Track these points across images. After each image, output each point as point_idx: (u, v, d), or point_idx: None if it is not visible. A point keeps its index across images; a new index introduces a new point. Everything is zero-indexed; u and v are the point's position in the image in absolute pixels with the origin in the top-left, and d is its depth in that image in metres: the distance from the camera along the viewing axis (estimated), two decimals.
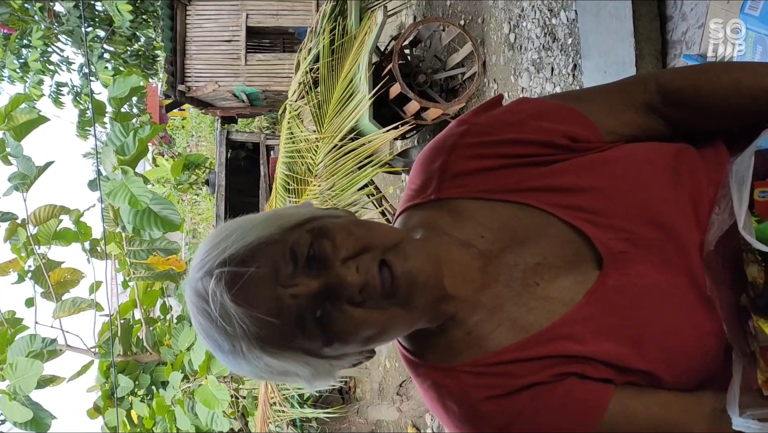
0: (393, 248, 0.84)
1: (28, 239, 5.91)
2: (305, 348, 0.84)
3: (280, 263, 0.81)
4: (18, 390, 5.38)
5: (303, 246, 0.82)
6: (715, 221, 0.87)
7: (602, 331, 0.86)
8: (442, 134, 0.99)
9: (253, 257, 0.80)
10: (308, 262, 0.82)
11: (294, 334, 0.82)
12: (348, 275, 0.80)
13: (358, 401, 7.66)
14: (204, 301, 0.80)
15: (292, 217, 0.87)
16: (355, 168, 4.17)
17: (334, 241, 0.83)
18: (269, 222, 0.84)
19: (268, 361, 0.83)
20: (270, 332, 0.80)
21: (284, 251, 0.81)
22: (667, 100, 0.95)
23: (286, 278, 0.80)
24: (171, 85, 8.24)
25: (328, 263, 0.81)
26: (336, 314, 0.81)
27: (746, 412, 0.77)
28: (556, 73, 3.96)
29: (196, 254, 0.87)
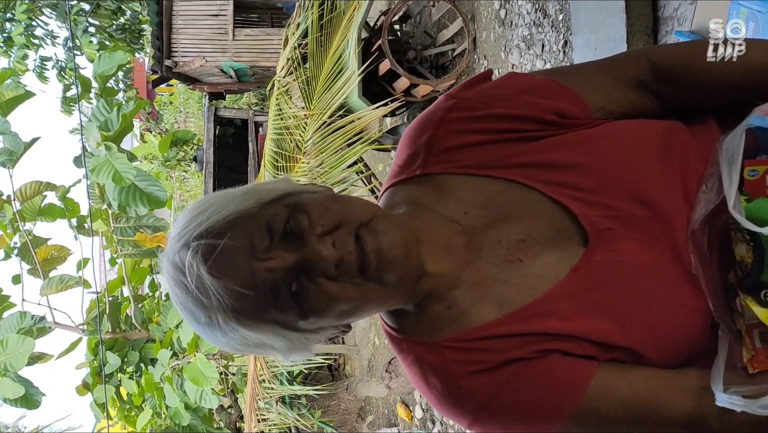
0: (366, 224, 0.84)
1: (14, 216, 5.86)
2: (280, 321, 0.84)
3: (256, 236, 0.81)
4: (8, 367, 5.37)
5: (279, 221, 0.82)
6: (701, 199, 0.86)
7: (586, 307, 0.86)
8: (430, 109, 0.98)
9: (229, 230, 0.80)
10: (284, 236, 0.82)
11: (269, 306, 0.82)
12: (324, 249, 0.80)
13: (348, 378, 7.71)
14: (180, 273, 0.81)
15: (270, 191, 0.86)
16: (344, 145, 4.14)
17: (310, 216, 0.83)
18: (247, 196, 0.84)
19: (243, 333, 0.83)
20: (245, 304, 0.80)
21: (260, 225, 0.81)
22: (658, 76, 0.94)
23: (261, 252, 0.80)
24: (157, 60, 8.14)
25: (304, 238, 0.82)
26: (311, 287, 0.81)
27: (730, 389, 0.77)
28: (547, 50, 3.94)
29: (174, 226, 0.87)
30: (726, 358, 0.82)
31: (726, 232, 0.85)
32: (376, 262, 0.82)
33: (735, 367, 0.83)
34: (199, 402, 5.51)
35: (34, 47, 10.27)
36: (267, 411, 5.12)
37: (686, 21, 1.78)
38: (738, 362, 0.83)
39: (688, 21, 1.73)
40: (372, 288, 0.84)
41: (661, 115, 0.97)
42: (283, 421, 5.29)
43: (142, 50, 11.32)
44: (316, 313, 0.83)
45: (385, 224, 0.85)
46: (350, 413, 7.21)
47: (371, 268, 0.82)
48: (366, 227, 0.83)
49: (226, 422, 7.18)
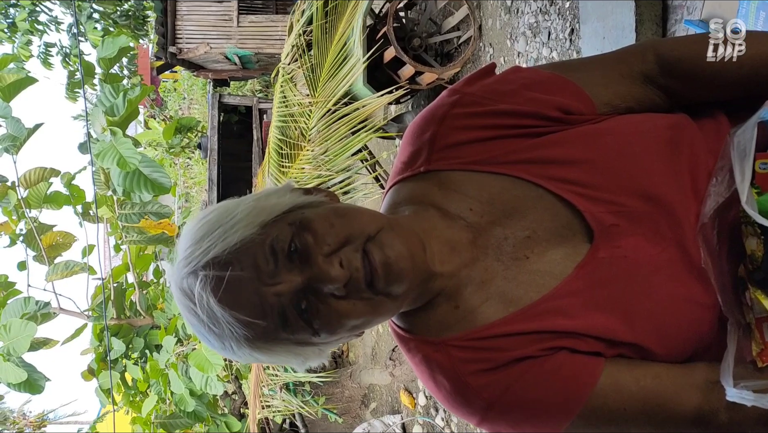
0: (373, 237, 0.83)
1: (18, 202, 5.86)
2: (293, 340, 0.84)
3: (261, 262, 0.80)
4: (12, 351, 5.39)
5: (283, 241, 0.81)
6: (711, 193, 0.86)
7: (592, 304, 0.86)
8: (433, 104, 0.98)
9: (235, 260, 0.80)
10: (289, 257, 0.81)
11: (279, 330, 0.82)
12: (332, 270, 0.80)
13: (351, 366, 7.74)
14: (191, 301, 0.81)
15: (273, 209, 0.85)
16: (349, 133, 4.13)
17: (315, 234, 0.82)
18: (250, 218, 0.83)
19: (258, 355, 0.84)
20: (257, 332, 0.81)
21: (264, 249, 0.81)
22: (665, 70, 0.93)
23: (268, 277, 0.80)
24: (162, 46, 8.12)
25: (310, 258, 0.81)
26: (321, 307, 0.81)
27: (740, 383, 0.77)
28: (553, 38, 3.91)
29: (180, 241, 0.86)
30: (735, 352, 0.82)
31: (736, 225, 0.85)
32: (384, 276, 0.81)
33: (744, 361, 0.82)
34: (204, 388, 5.53)
35: (38, 33, 10.24)
36: (271, 398, 5.15)
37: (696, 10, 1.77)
38: (747, 356, 0.82)
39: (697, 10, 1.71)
40: (381, 301, 0.83)
41: (668, 109, 0.96)
42: (287, 407, 5.32)
43: (146, 36, 11.27)
44: (328, 330, 0.83)
45: (391, 236, 0.84)
46: (354, 400, 7.25)
47: (380, 283, 0.81)
48: (372, 241, 0.82)
49: (230, 408, 7.22)
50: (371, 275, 0.81)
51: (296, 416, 7.09)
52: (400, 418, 6.34)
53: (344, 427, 7.10)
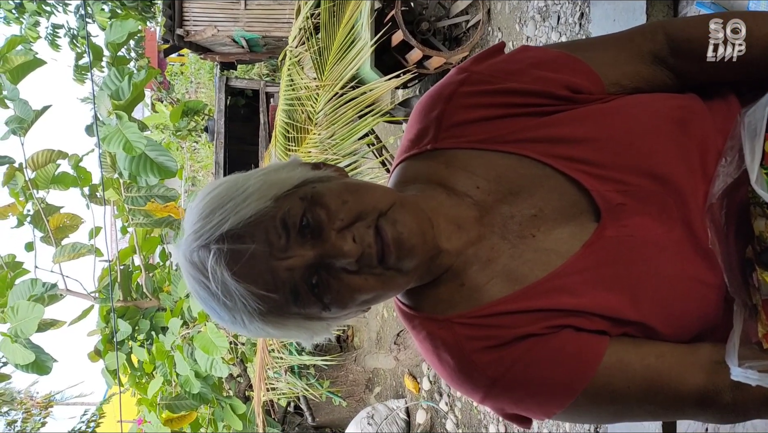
0: (385, 213, 0.83)
1: (26, 183, 5.87)
2: (303, 314, 0.84)
3: (272, 236, 0.80)
4: (19, 333, 5.42)
5: (295, 216, 0.81)
6: (720, 173, 0.85)
7: (598, 282, 0.86)
8: (441, 82, 0.97)
9: (248, 233, 0.79)
10: (301, 231, 0.81)
11: (291, 304, 0.82)
12: (345, 245, 0.80)
13: (356, 350, 7.77)
14: (202, 275, 0.81)
15: (284, 183, 0.84)
16: (356, 117, 4.12)
17: (327, 209, 0.82)
18: (261, 192, 0.82)
19: (269, 329, 0.84)
20: (270, 306, 0.81)
21: (276, 223, 0.80)
22: (675, 50, 0.92)
23: (279, 251, 0.80)
24: (169, 28, 8.09)
25: (323, 233, 0.81)
26: (332, 282, 0.82)
27: (745, 363, 0.77)
28: (563, 22, 3.87)
29: (187, 217, 0.85)
30: (740, 333, 0.81)
31: (744, 206, 0.84)
32: (396, 252, 0.81)
33: (749, 342, 0.82)
34: (209, 371, 5.56)
35: (45, 14, 10.21)
36: (276, 381, 5.17)
37: None
38: (753, 337, 0.82)
39: None
40: (392, 276, 0.84)
41: (678, 90, 0.95)
42: (292, 390, 5.34)
43: (153, 19, 11.23)
44: (339, 304, 0.84)
45: (403, 212, 0.84)
46: (358, 384, 7.28)
47: (391, 258, 0.82)
48: (384, 217, 0.82)
49: (235, 390, 7.27)
50: (383, 251, 0.81)
51: (301, 399, 7.13)
52: (404, 402, 6.37)
53: (348, 411, 7.15)
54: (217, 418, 6.40)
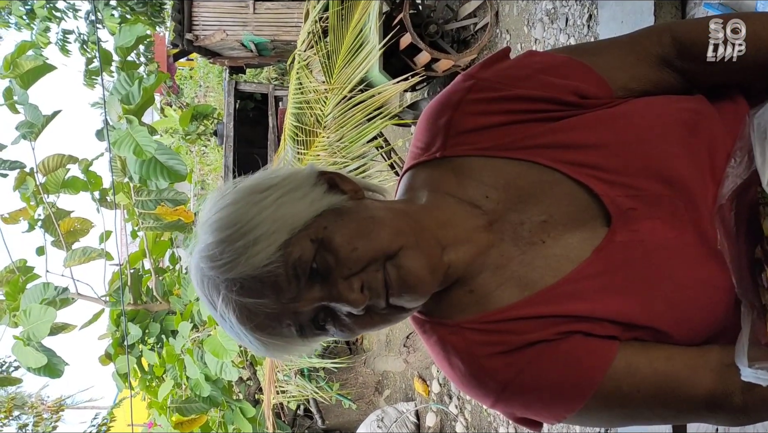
0: (392, 257, 0.83)
1: (37, 188, 5.91)
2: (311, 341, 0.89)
3: (283, 285, 0.81)
4: (31, 336, 5.45)
5: (305, 261, 0.81)
6: (729, 174, 0.85)
7: (609, 287, 0.86)
8: (448, 89, 0.97)
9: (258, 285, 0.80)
10: (311, 275, 0.82)
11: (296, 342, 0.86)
12: (351, 294, 0.81)
13: (366, 352, 7.77)
14: (212, 308, 0.84)
15: (295, 221, 0.83)
16: (365, 120, 4.13)
17: (336, 256, 0.82)
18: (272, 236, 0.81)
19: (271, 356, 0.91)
20: (276, 347, 0.86)
21: (287, 270, 0.81)
22: (682, 53, 0.91)
23: (289, 300, 0.81)
24: (178, 33, 8.13)
25: (330, 279, 0.82)
26: (337, 323, 0.85)
27: (755, 364, 0.77)
28: (571, 24, 3.87)
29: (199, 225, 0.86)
30: (749, 334, 0.81)
31: (754, 207, 0.84)
32: (399, 293, 0.83)
33: (758, 343, 0.82)
34: (219, 374, 5.57)
35: (56, 20, 10.29)
36: (286, 383, 5.18)
37: None
38: (762, 337, 0.82)
39: None
40: (396, 313, 0.86)
41: (685, 92, 0.95)
42: (302, 393, 5.36)
43: (162, 24, 11.30)
44: (342, 336, 0.87)
45: (412, 255, 0.83)
46: (368, 386, 7.28)
47: (396, 300, 0.83)
48: (391, 262, 0.82)
49: (245, 393, 7.28)
50: (387, 292, 0.83)
51: (310, 402, 7.14)
52: (414, 405, 6.36)
53: (358, 414, 7.14)
54: (227, 421, 6.41)
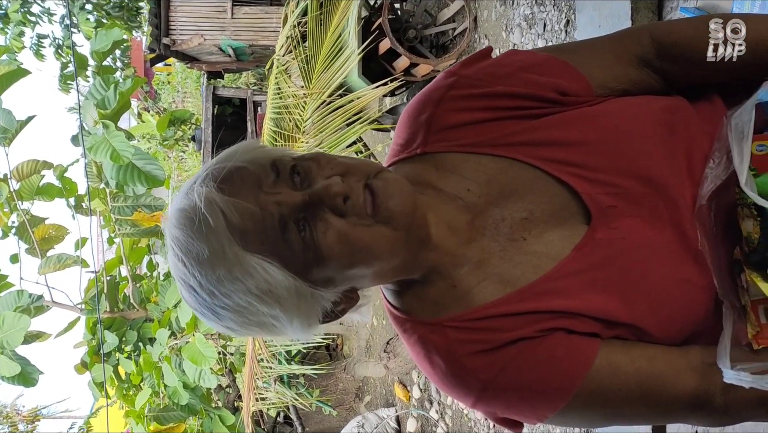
0: (375, 175, 0.83)
1: (10, 194, 5.83)
2: (286, 260, 0.79)
3: (261, 174, 0.80)
4: (5, 344, 5.37)
5: (286, 163, 0.82)
6: (708, 175, 0.86)
7: (589, 285, 0.86)
8: (430, 86, 0.97)
9: (237, 169, 0.80)
10: (291, 176, 0.81)
11: (276, 239, 0.78)
12: (332, 184, 0.79)
13: (346, 359, 7.75)
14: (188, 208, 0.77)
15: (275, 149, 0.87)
16: (344, 125, 4.12)
17: (318, 162, 0.82)
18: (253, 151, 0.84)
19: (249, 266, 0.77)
20: (253, 227, 0.77)
21: (266, 165, 0.81)
22: (661, 53, 0.92)
23: (268, 186, 0.80)
24: (155, 38, 8.08)
25: (311, 179, 0.81)
26: (319, 224, 0.79)
27: (737, 366, 0.77)
28: (549, 29, 3.90)
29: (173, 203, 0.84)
30: (731, 335, 0.81)
31: (732, 207, 0.84)
32: (387, 201, 0.81)
33: (739, 344, 0.82)
34: (198, 382, 5.52)
35: (30, 24, 10.16)
36: (265, 390, 5.14)
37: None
38: (743, 338, 0.82)
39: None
40: (381, 230, 0.81)
41: (664, 92, 0.95)
42: (281, 400, 5.31)
43: (139, 28, 11.19)
44: (326, 252, 0.79)
45: (392, 176, 0.84)
46: (348, 393, 7.26)
47: (381, 208, 0.80)
48: (375, 177, 0.82)
49: (224, 401, 7.22)
50: (373, 203, 0.80)
51: (290, 409, 7.09)
52: (394, 411, 6.35)
53: (338, 420, 7.12)
54: (206, 429, 6.36)
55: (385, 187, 0.81)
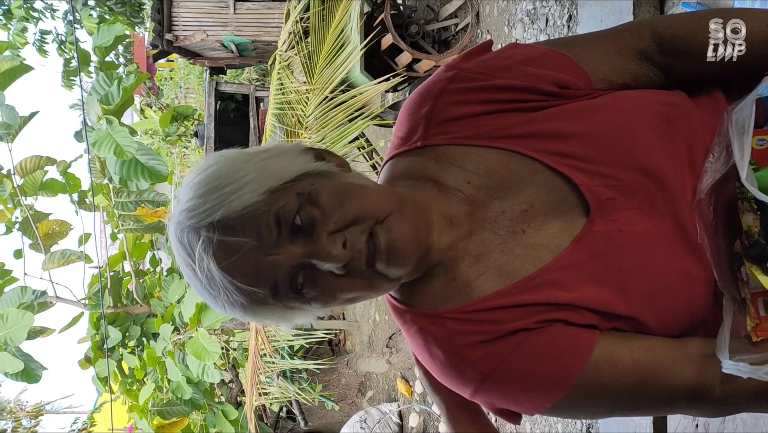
0: (382, 222, 0.82)
1: (14, 190, 5.84)
2: (285, 305, 0.85)
3: (264, 231, 0.79)
4: (9, 341, 5.38)
5: (289, 212, 0.80)
6: (708, 169, 0.86)
7: (588, 277, 0.86)
8: (430, 80, 0.97)
9: (239, 225, 0.79)
10: (293, 229, 0.80)
11: (269, 298, 0.82)
12: (334, 249, 0.79)
13: (348, 354, 7.77)
14: (191, 258, 0.80)
15: (282, 174, 0.83)
16: (346, 120, 4.12)
17: (323, 210, 0.81)
18: (258, 183, 0.81)
19: (248, 318, 0.86)
20: (251, 299, 0.81)
21: (269, 218, 0.80)
22: (661, 48, 0.92)
23: (269, 247, 0.79)
24: (158, 33, 8.07)
25: (314, 233, 0.80)
26: (318, 280, 0.82)
27: (735, 357, 0.77)
28: (551, 24, 3.90)
29: (182, 189, 0.84)
30: (730, 327, 0.82)
31: (732, 201, 0.85)
32: (387, 260, 0.82)
33: (738, 336, 0.83)
34: (201, 376, 5.54)
35: (33, 20, 10.17)
36: (268, 385, 5.16)
37: None
38: (742, 331, 0.83)
39: None
40: (378, 280, 0.84)
41: (664, 86, 0.96)
42: (284, 395, 5.33)
43: (142, 24, 11.20)
44: (321, 303, 0.84)
45: (401, 221, 0.84)
46: (350, 388, 7.27)
47: (381, 265, 0.82)
48: (381, 225, 0.82)
49: (227, 396, 7.24)
50: (373, 256, 0.81)
51: (293, 404, 7.11)
52: (396, 406, 6.37)
53: (341, 415, 7.14)
54: (209, 424, 6.38)
55: (388, 242, 0.81)
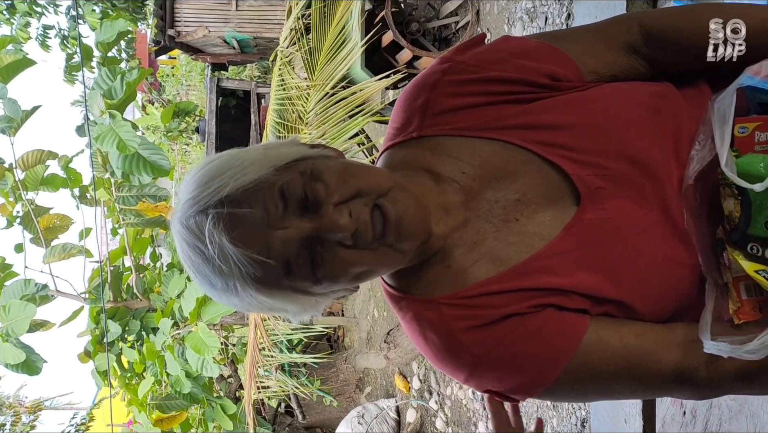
0: (385, 194, 0.84)
1: (15, 184, 5.85)
2: (294, 287, 0.85)
3: (270, 205, 0.81)
4: (10, 332, 5.40)
5: (294, 188, 0.82)
6: (694, 157, 0.88)
7: (579, 263, 0.88)
8: (425, 72, 1.00)
9: (247, 199, 0.80)
10: (299, 204, 0.82)
11: (282, 276, 0.83)
12: (341, 219, 0.81)
13: (347, 350, 7.79)
14: (199, 240, 0.80)
15: (284, 156, 0.86)
16: (346, 117, 4.14)
17: (326, 185, 0.83)
18: (261, 162, 0.83)
19: (260, 299, 0.84)
20: (264, 272, 0.81)
21: (274, 193, 0.81)
22: (649, 41, 0.95)
23: (276, 220, 0.81)
24: (160, 29, 8.09)
25: (320, 208, 0.82)
26: (326, 255, 0.83)
27: (717, 339, 0.80)
28: (550, 23, 3.92)
29: (183, 186, 0.86)
30: (713, 311, 0.84)
31: (715, 188, 0.87)
32: (397, 230, 0.83)
33: (721, 320, 0.85)
34: (200, 371, 5.55)
35: (36, 15, 10.18)
36: (266, 379, 5.17)
37: None
38: (725, 314, 0.85)
39: None
40: (386, 252, 0.85)
41: (652, 78, 0.98)
42: (283, 389, 5.35)
43: (144, 20, 11.20)
44: (331, 279, 0.85)
45: (403, 195, 0.86)
46: (349, 383, 7.29)
47: (391, 236, 0.83)
48: (385, 197, 0.84)
49: (226, 390, 7.27)
50: (383, 228, 0.83)
51: (291, 399, 7.13)
52: (394, 401, 6.39)
53: (339, 410, 7.15)
54: (208, 418, 6.40)
55: (396, 212, 0.83)
